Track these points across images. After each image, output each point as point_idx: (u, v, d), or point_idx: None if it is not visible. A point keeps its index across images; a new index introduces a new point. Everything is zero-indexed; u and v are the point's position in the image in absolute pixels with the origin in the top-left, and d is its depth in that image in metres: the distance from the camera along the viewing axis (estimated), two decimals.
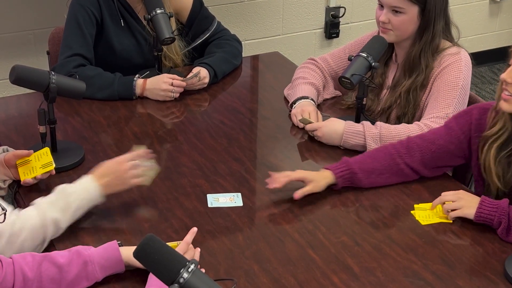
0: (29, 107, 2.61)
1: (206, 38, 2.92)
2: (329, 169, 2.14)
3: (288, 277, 1.80)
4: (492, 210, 1.95)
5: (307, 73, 2.64)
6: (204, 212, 2.05)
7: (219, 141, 2.42)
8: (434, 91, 2.40)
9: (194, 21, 2.89)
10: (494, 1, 4.80)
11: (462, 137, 2.16)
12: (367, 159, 2.18)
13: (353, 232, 1.98)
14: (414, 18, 2.38)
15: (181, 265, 1.41)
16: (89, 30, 2.73)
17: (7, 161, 2.07)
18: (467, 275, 1.83)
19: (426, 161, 2.18)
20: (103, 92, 2.64)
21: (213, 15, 2.98)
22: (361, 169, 2.15)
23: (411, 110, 2.44)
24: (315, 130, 2.37)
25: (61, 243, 1.88)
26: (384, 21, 2.39)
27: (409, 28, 2.40)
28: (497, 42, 4.97)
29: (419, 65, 2.42)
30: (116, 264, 1.73)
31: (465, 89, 2.40)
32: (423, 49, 2.41)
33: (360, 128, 2.32)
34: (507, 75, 1.96)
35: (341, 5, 4.31)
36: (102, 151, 2.34)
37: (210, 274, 1.77)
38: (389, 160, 2.18)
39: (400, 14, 2.37)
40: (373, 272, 1.83)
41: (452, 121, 2.19)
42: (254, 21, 4.13)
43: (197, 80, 2.69)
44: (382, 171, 2.17)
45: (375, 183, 2.17)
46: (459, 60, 2.40)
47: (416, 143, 2.19)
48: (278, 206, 2.09)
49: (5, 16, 3.47)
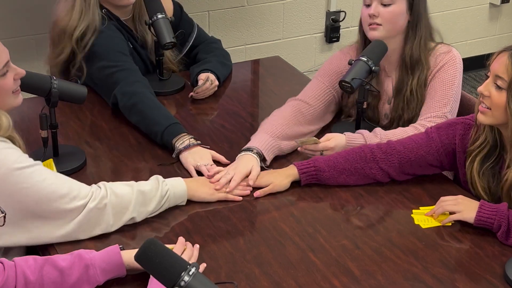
0: (31, 111, 2.62)
1: (193, 42, 2.93)
2: (295, 165, 2.17)
3: (289, 281, 1.81)
4: (491, 214, 1.95)
5: (274, 119, 2.39)
6: (205, 216, 2.05)
7: (220, 145, 2.42)
8: (431, 90, 2.41)
9: (178, 26, 2.86)
10: (494, 5, 4.81)
11: (442, 150, 2.17)
12: (339, 158, 2.19)
13: (353, 235, 1.99)
14: (403, 10, 2.37)
15: (182, 268, 1.41)
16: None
17: None
18: (467, 278, 1.84)
19: (402, 168, 2.20)
20: (152, 128, 2.41)
21: (191, 18, 2.99)
22: (330, 167, 2.16)
23: (418, 108, 2.43)
24: (325, 151, 2.28)
25: (63, 247, 1.88)
26: (374, 13, 2.36)
27: (399, 21, 2.38)
28: (497, 46, 4.93)
29: (420, 62, 2.41)
30: (117, 267, 1.74)
31: (459, 87, 2.42)
32: (421, 45, 2.41)
33: (361, 141, 2.30)
34: (483, 88, 1.98)
35: (341, 9, 4.32)
36: (103, 155, 2.35)
37: (211, 277, 1.77)
38: (362, 163, 2.18)
39: (389, 6, 2.36)
40: (374, 275, 1.83)
41: (434, 132, 2.19)
42: (255, 26, 4.14)
43: (209, 84, 2.70)
44: (353, 172, 2.18)
45: (343, 183, 2.19)
46: (453, 58, 2.41)
47: (395, 149, 2.19)
48: (278, 210, 2.10)
49: (6, 21, 3.48)
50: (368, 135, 2.31)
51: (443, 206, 2.03)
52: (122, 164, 2.30)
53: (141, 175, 2.24)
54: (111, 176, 2.22)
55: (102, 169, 2.27)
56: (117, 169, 2.27)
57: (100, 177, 2.21)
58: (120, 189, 1.96)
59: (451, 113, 2.36)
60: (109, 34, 2.65)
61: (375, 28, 2.39)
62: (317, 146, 2.29)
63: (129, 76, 2.56)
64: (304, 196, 2.17)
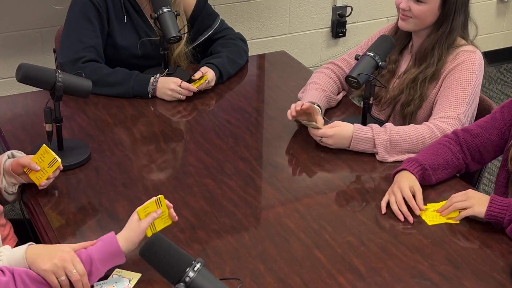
0: (35, 105, 2.62)
1: (209, 36, 2.92)
2: (406, 169, 2.14)
3: (293, 277, 1.80)
4: (502, 208, 1.94)
5: (321, 78, 2.62)
6: (210, 212, 2.04)
7: (225, 140, 2.41)
8: (445, 88, 2.39)
9: (197, 18, 2.89)
10: (501, 1, 4.78)
11: (504, 129, 2.16)
12: (431, 155, 2.18)
13: (359, 232, 1.98)
14: (435, 9, 2.37)
15: (187, 264, 1.41)
16: (98, 24, 2.72)
17: (14, 169, 2.06)
18: (474, 276, 1.82)
19: (475, 156, 2.21)
20: (118, 88, 2.65)
21: (216, 13, 2.98)
22: (430, 165, 2.16)
23: (416, 100, 2.43)
24: (324, 137, 2.32)
25: (66, 243, 1.88)
26: (405, 8, 2.39)
27: (428, 18, 2.39)
28: (504, 42, 4.95)
29: (432, 57, 2.41)
30: (116, 256, 1.73)
31: (476, 90, 2.39)
32: (439, 41, 2.41)
33: (369, 134, 2.29)
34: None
35: (348, 4, 4.31)
36: (108, 149, 2.34)
37: (216, 273, 1.77)
38: (450, 155, 2.19)
39: (421, 4, 2.36)
40: (379, 272, 1.82)
41: (497, 111, 2.20)
42: (261, 20, 4.13)
43: (206, 84, 2.71)
44: (446, 166, 2.18)
45: (440, 179, 2.19)
46: (473, 59, 2.39)
47: (464, 139, 2.21)
48: (283, 206, 2.09)
49: (12, 15, 3.48)
50: (378, 129, 2.30)
51: (455, 205, 2.02)
52: (126, 158, 2.30)
53: (145, 169, 2.24)
54: (116, 170, 2.21)
55: (106, 163, 2.26)
56: (121, 163, 2.26)
57: (104, 171, 2.20)
58: None
59: (465, 114, 2.34)
60: None
61: (405, 19, 2.42)
62: (317, 131, 2.31)
63: None
64: (310, 192, 2.15)
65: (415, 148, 2.29)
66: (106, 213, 2.02)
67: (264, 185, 2.19)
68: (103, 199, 2.08)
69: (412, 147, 2.29)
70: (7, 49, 3.49)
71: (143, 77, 2.68)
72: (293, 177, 2.25)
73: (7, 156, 2.09)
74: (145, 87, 2.65)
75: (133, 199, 2.08)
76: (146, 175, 2.21)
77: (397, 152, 2.29)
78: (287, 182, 2.21)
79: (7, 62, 3.48)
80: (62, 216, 2.01)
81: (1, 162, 2.06)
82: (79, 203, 2.07)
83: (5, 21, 3.46)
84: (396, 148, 2.29)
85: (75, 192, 2.11)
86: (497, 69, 4.91)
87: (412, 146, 2.29)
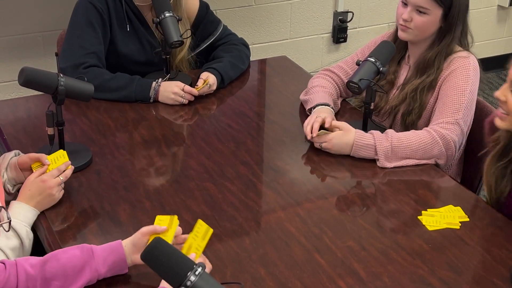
0: (37, 109, 2.62)
1: (211, 43, 2.93)
2: None
3: (294, 281, 1.80)
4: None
5: (324, 82, 2.63)
6: (211, 216, 2.05)
7: (226, 145, 2.42)
8: (442, 95, 2.40)
9: (200, 24, 2.90)
10: (502, 7, 4.79)
11: None
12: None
13: (359, 237, 1.98)
14: (437, 20, 2.38)
15: (188, 268, 1.41)
16: (101, 30, 2.73)
17: (21, 164, 2.07)
18: (474, 281, 1.83)
19: None
20: (120, 93, 2.66)
21: (219, 19, 2.99)
22: None
23: (416, 109, 2.44)
24: (324, 143, 2.33)
25: (68, 246, 1.88)
26: (407, 19, 2.39)
27: (429, 30, 2.40)
28: (505, 48, 4.96)
29: (433, 67, 2.42)
30: (119, 261, 1.73)
31: (473, 94, 2.40)
32: (440, 52, 2.42)
33: (370, 141, 2.30)
34: (500, 93, 1.96)
35: (349, 9, 4.32)
36: (109, 153, 2.35)
37: (217, 277, 1.77)
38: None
39: (423, 15, 2.37)
40: (380, 277, 1.82)
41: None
42: (262, 25, 4.14)
43: (207, 88, 2.71)
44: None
45: None
46: (468, 65, 2.40)
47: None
48: (284, 210, 2.10)
49: (14, 18, 3.49)
50: (379, 136, 2.31)
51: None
52: (127, 162, 2.30)
53: (147, 173, 2.24)
54: (117, 174, 2.22)
55: (108, 167, 2.26)
56: (123, 167, 2.27)
57: (106, 174, 2.21)
58: None
59: (463, 119, 2.34)
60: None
61: (405, 30, 2.42)
62: (327, 136, 2.33)
63: None
64: (310, 197, 2.16)
65: (415, 154, 2.29)
66: (107, 217, 2.02)
67: (265, 189, 2.20)
68: (105, 203, 2.08)
69: (412, 153, 2.30)
70: (9, 52, 3.50)
71: (144, 82, 2.69)
72: (294, 182, 2.26)
73: (14, 154, 2.12)
74: (147, 91, 2.66)
75: (134, 202, 2.08)
76: (148, 179, 2.22)
77: (397, 158, 2.30)
78: (288, 186, 2.21)
79: (9, 65, 3.49)
80: (64, 219, 2.01)
81: (8, 157, 2.08)
82: (81, 207, 2.07)
83: (8, 25, 3.47)
84: (397, 154, 2.29)
85: (76, 195, 2.12)
86: (497, 75, 4.92)
87: (412, 152, 2.29)
